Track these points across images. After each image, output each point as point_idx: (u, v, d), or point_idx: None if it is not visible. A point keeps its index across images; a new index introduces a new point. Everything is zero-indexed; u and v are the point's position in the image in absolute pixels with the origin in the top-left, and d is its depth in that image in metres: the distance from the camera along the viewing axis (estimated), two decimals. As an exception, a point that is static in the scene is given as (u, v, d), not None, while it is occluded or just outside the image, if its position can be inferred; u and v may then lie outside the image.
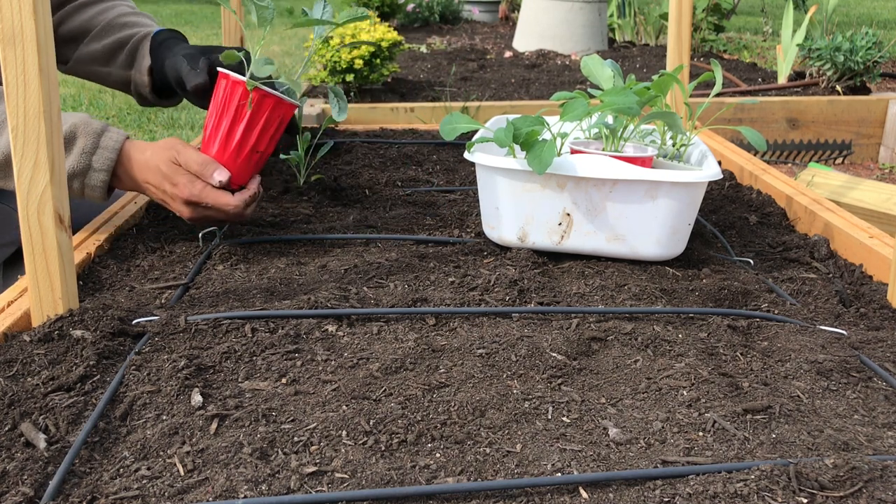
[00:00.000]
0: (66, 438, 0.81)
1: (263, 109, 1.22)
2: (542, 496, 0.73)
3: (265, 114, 1.23)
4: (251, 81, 1.20)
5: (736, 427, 0.84)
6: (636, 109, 1.23)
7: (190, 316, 1.02)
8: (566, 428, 0.84)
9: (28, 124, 0.93)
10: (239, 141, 1.23)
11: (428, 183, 1.71)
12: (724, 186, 1.74)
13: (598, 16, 4.39)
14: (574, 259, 1.28)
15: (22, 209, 0.96)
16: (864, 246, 1.32)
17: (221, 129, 1.23)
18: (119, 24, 1.58)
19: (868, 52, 3.30)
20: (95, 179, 1.26)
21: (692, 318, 1.08)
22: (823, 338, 1.04)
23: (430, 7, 5.76)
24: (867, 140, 3.21)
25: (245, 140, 1.23)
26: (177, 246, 1.31)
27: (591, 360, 0.96)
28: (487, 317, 1.07)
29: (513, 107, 2.79)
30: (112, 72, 1.59)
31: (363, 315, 1.05)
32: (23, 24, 0.90)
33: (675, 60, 1.90)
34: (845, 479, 0.73)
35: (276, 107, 1.23)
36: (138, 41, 1.55)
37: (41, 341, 0.96)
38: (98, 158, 1.25)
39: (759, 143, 1.35)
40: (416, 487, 0.73)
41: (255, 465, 0.76)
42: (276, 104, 1.23)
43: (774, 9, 7.98)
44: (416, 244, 1.35)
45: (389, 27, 3.10)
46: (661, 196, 1.21)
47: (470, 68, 3.84)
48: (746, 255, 1.37)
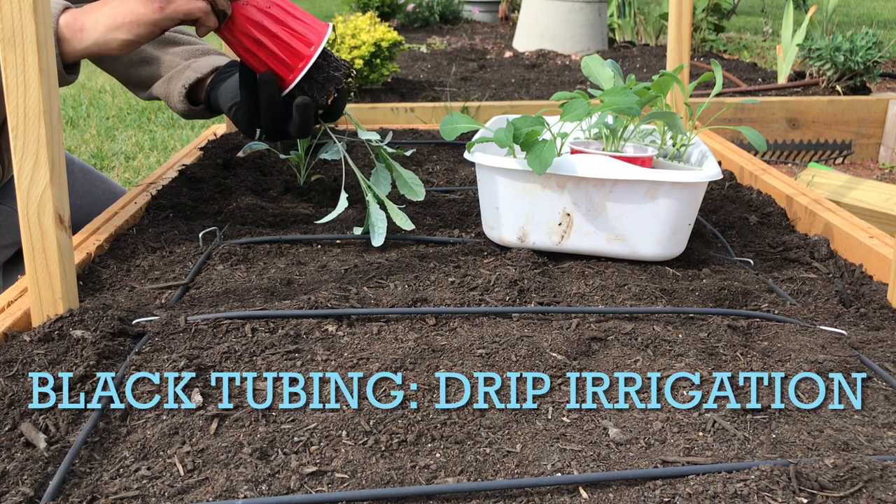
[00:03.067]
0: (66, 438, 0.81)
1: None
2: (542, 496, 0.73)
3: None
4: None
5: (736, 427, 0.84)
6: (636, 109, 1.23)
7: (190, 316, 1.02)
8: (566, 428, 0.84)
9: (28, 124, 0.93)
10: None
11: (428, 183, 1.71)
12: (724, 186, 1.74)
13: (598, 16, 4.39)
14: (574, 259, 1.28)
15: (22, 209, 0.96)
16: (864, 246, 1.32)
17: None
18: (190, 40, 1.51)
19: (868, 52, 3.30)
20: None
21: (692, 318, 1.08)
22: (823, 338, 1.04)
23: (430, 7, 5.76)
24: (867, 140, 3.21)
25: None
26: (177, 246, 1.31)
27: (591, 360, 0.96)
28: (487, 317, 1.07)
29: (513, 107, 2.79)
30: (161, 57, 1.47)
31: (363, 315, 1.05)
32: (23, 24, 0.90)
33: (675, 60, 1.90)
34: (845, 479, 0.73)
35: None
36: (208, 49, 1.48)
37: (41, 341, 0.96)
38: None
39: (759, 143, 1.35)
40: (416, 487, 0.73)
41: (255, 465, 0.76)
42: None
43: (774, 9, 7.98)
44: (416, 244, 1.35)
45: (389, 27, 3.10)
46: (662, 196, 1.21)
47: (470, 68, 3.84)
48: (746, 255, 1.37)
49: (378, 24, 3.10)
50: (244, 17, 1.18)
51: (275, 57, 1.19)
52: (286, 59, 1.19)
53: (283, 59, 1.19)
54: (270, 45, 1.18)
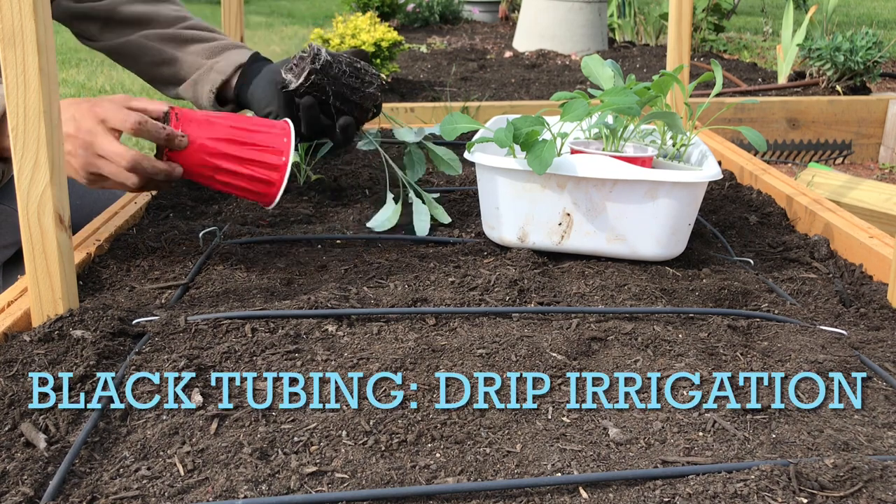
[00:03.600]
0: (66, 438, 0.81)
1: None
2: (542, 496, 0.73)
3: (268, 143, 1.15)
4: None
5: (736, 427, 0.84)
6: (636, 109, 1.23)
7: (190, 316, 1.02)
8: (566, 428, 0.84)
9: (28, 124, 0.93)
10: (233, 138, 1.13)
11: (428, 183, 1.71)
12: (724, 186, 1.74)
13: (598, 16, 4.39)
14: (574, 259, 1.28)
15: (22, 209, 0.96)
16: (864, 246, 1.32)
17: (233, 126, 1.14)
18: (198, 25, 1.55)
19: (868, 52, 3.30)
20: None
21: (692, 318, 1.08)
22: (823, 338, 1.04)
23: (430, 7, 5.76)
24: (867, 140, 3.21)
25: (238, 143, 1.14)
26: (177, 246, 1.31)
27: (591, 360, 0.96)
28: (487, 317, 1.07)
29: (513, 107, 2.79)
30: (180, 57, 1.49)
31: (363, 315, 1.05)
32: (23, 24, 0.90)
33: (675, 60, 1.90)
34: (845, 479, 0.73)
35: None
36: (229, 45, 1.50)
37: (41, 341, 0.96)
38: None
39: (760, 143, 1.35)
40: (416, 487, 0.73)
41: (255, 465, 0.76)
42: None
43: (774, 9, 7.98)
44: (416, 244, 1.35)
45: (389, 27, 3.10)
46: (662, 196, 1.21)
47: (470, 68, 3.84)
48: (746, 255, 1.37)
49: (378, 24, 3.10)
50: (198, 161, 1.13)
51: (251, 179, 1.15)
52: (263, 178, 1.15)
53: (261, 179, 1.15)
54: (243, 171, 1.14)
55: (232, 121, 1.16)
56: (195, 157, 1.14)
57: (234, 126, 1.15)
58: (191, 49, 1.50)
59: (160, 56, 1.49)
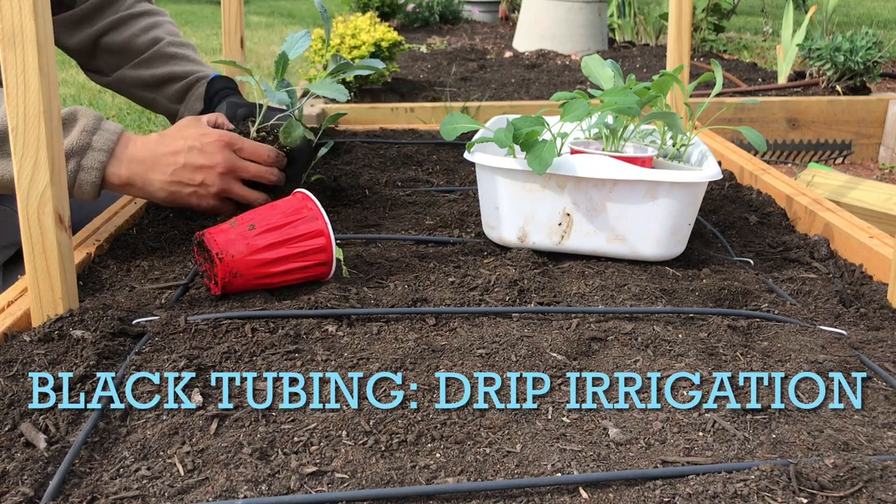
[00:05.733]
0: (66, 438, 0.81)
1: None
2: (542, 496, 0.73)
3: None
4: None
5: (736, 427, 0.84)
6: (636, 109, 1.23)
7: (190, 316, 1.02)
8: (566, 428, 0.84)
9: (28, 124, 0.93)
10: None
11: (428, 183, 1.71)
12: (724, 186, 1.74)
13: (598, 16, 4.39)
14: (574, 259, 1.28)
15: (22, 209, 0.96)
16: (864, 246, 1.32)
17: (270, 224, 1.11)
18: (169, 53, 1.65)
19: (868, 52, 3.30)
20: (93, 160, 1.21)
21: (692, 318, 1.08)
22: (823, 338, 1.04)
23: (430, 7, 5.76)
24: (867, 140, 3.21)
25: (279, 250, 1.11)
26: (177, 246, 1.31)
27: (591, 360, 0.96)
28: (487, 317, 1.07)
29: (513, 107, 2.79)
30: (157, 99, 1.66)
31: (363, 315, 1.05)
32: (23, 24, 0.90)
33: (675, 60, 1.90)
34: (845, 479, 0.73)
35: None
36: (193, 82, 1.63)
37: (41, 341, 0.96)
38: (99, 138, 1.22)
39: (759, 143, 1.35)
40: (416, 487, 0.73)
41: (255, 465, 0.76)
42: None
43: (774, 9, 7.98)
44: (416, 244, 1.35)
45: (389, 27, 3.10)
46: (662, 196, 1.21)
47: (470, 68, 3.84)
48: (746, 255, 1.37)
49: (378, 25, 3.10)
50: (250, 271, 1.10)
51: (304, 269, 1.13)
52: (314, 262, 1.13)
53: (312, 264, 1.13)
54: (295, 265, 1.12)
55: (264, 222, 1.12)
56: (248, 276, 1.10)
57: (269, 228, 1.11)
58: (165, 92, 1.66)
59: (139, 92, 1.68)
